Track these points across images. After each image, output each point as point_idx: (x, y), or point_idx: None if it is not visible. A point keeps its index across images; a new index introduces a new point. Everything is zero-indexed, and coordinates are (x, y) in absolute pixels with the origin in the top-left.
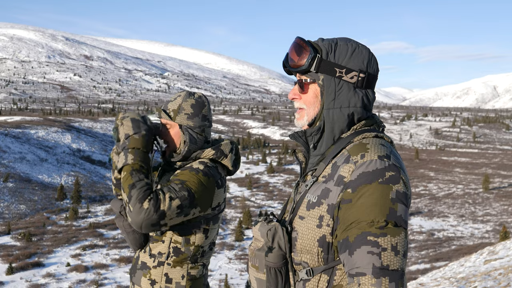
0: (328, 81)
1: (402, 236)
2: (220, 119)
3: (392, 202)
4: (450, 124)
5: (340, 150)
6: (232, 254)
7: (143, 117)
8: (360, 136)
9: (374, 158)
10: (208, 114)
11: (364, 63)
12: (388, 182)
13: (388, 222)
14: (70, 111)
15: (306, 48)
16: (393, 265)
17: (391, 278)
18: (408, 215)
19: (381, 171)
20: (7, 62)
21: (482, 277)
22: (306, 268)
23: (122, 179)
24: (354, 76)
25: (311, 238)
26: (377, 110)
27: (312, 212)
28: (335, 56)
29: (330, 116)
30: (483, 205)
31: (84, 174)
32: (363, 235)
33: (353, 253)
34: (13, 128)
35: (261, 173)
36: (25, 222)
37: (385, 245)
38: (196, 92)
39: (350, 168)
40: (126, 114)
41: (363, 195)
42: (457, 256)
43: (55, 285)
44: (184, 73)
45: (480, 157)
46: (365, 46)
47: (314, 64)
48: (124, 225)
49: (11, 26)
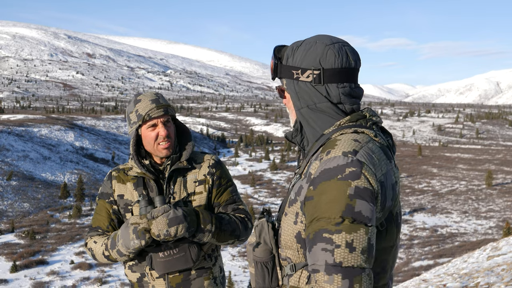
0: (289, 84)
1: (361, 233)
2: (223, 116)
3: (350, 198)
4: (453, 120)
5: (319, 147)
6: (236, 251)
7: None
8: (339, 132)
9: (338, 154)
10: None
11: (316, 60)
12: (346, 178)
13: (344, 219)
14: (73, 109)
15: (272, 57)
16: (347, 262)
17: (344, 274)
18: (374, 211)
19: (342, 167)
20: (9, 61)
21: (485, 273)
22: (290, 263)
23: (217, 237)
24: (310, 75)
25: (291, 234)
26: (379, 106)
27: (291, 209)
28: (293, 58)
29: (302, 115)
30: (486, 201)
31: (87, 172)
32: (320, 232)
33: (311, 250)
34: (16, 126)
35: (264, 170)
36: (29, 220)
37: (339, 242)
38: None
39: (316, 165)
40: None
41: (323, 192)
42: (460, 252)
43: (59, 282)
44: (187, 71)
45: (483, 153)
46: (325, 41)
47: (277, 71)
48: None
49: (13, 25)
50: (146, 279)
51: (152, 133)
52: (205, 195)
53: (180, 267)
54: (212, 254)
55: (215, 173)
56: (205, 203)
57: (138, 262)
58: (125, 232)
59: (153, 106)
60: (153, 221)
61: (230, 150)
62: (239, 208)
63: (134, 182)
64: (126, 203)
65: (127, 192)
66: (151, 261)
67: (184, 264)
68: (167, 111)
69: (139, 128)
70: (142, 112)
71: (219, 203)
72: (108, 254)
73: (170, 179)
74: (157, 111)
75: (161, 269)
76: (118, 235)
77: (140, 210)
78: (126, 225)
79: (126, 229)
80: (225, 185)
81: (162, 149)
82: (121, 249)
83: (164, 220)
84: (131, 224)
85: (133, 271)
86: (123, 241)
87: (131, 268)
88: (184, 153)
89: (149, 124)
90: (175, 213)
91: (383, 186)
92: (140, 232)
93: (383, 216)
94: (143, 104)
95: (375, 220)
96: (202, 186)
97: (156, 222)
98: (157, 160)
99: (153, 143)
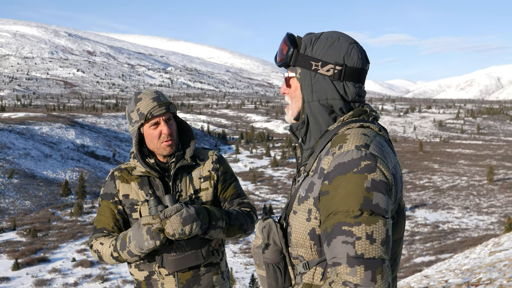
0: (304, 75)
1: (380, 225)
2: (223, 113)
3: (367, 191)
4: (454, 116)
5: (327, 143)
6: (237, 248)
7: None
8: (345, 127)
9: (351, 148)
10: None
11: (340, 56)
12: (363, 172)
13: (363, 211)
14: (73, 106)
15: (286, 43)
16: (369, 253)
17: (366, 266)
18: (390, 204)
19: (357, 160)
20: (10, 59)
21: (487, 268)
22: (303, 261)
23: (226, 232)
24: (330, 69)
25: (303, 231)
26: (380, 102)
27: (302, 206)
28: (313, 49)
29: (311, 109)
30: (487, 196)
31: (89, 170)
32: (338, 225)
33: (330, 244)
34: (17, 124)
35: (265, 166)
36: (30, 218)
37: (359, 234)
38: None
39: (329, 159)
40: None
41: (339, 186)
42: (462, 248)
43: (61, 280)
44: (187, 68)
45: (484, 149)
46: (348, 39)
47: (292, 58)
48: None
49: (13, 23)
50: (155, 277)
51: (155, 132)
52: (211, 191)
53: (191, 264)
54: (219, 249)
55: (219, 169)
56: (212, 199)
57: (146, 261)
58: (138, 233)
59: (154, 104)
60: (166, 220)
61: (231, 147)
62: (244, 202)
63: (138, 182)
64: (132, 203)
65: (132, 192)
66: (162, 260)
67: (195, 260)
68: (168, 108)
69: (141, 127)
70: (144, 111)
71: (224, 198)
72: (117, 255)
73: (176, 176)
74: (159, 109)
75: (173, 267)
76: (130, 236)
77: (150, 209)
78: (137, 226)
79: (138, 230)
80: (229, 180)
81: (165, 147)
82: (133, 250)
83: (178, 219)
84: (144, 224)
85: (140, 270)
86: (136, 242)
87: (138, 267)
88: (188, 150)
89: (152, 123)
90: (188, 212)
91: (395, 178)
92: (154, 233)
93: (394, 208)
94: (144, 102)
95: (390, 212)
96: (207, 182)
97: (170, 222)
98: (160, 158)
99: (156, 141)
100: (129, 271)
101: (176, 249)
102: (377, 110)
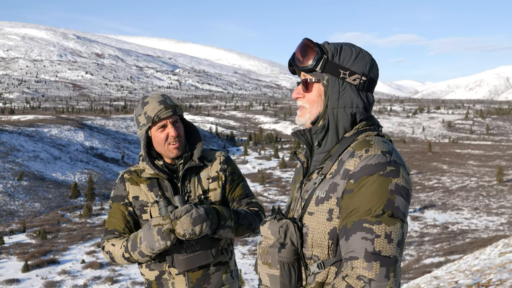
0: (332, 81)
1: (398, 227)
2: (231, 114)
3: (391, 193)
4: (463, 116)
5: (345, 148)
6: (246, 250)
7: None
8: (363, 134)
9: (378, 152)
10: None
11: (366, 67)
12: (388, 175)
13: (384, 212)
14: (82, 109)
15: (313, 48)
16: (386, 251)
17: (382, 263)
18: (408, 210)
19: (383, 164)
20: (19, 61)
21: (497, 269)
22: (317, 261)
23: (235, 231)
24: (357, 79)
25: (322, 231)
26: (389, 103)
27: (321, 207)
28: (340, 58)
29: (335, 115)
30: (497, 197)
31: (98, 172)
32: (359, 222)
33: (348, 239)
34: (27, 127)
35: (274, 168)
36: (40, 220)
37: (379, 232)
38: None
39: (355, 161)
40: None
41: (364, 185)
42: (471, 249)
43: (71, 282)
44: (195, 70)
45: (493, 149)
46: (368, 52)
47: (320, 64)
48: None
49: (22, 26)
50: (165, 276)
51: (162, 134)
52: (219, 191)
53: (201, 263)
54: (228, 248)
55: (226, 169)
56: (220, 199)
57: (157, 261)
58: (148, 234)
59: (161, 107)
60: (177, 221)
61: (239, 149)
62: (252, 202)
63: (148, 184)
64: (142, 204)
65: (141, 194)
66: (172, 260)
67: (205, 260)
68: (175, 111)
69: (148, 130)
70: (151, 114)
71: (233, 198)
72: (128, 256)
73: (184, 178)
74: (165, 112)
75: (183, 266)
76: (140, 237)
77: (160, 210)
78: (148, 227)
79: (149, 231)
80: (237, 180)
81: (172, 149)
82: (144, 250)
83: (188, 220)
84: (154, 225)
85: (151, 269)
86: (147, 242)
87: (149, 267)
88: (195, 151)
89: (159, 125)
90: (198, 212)
91: (410, 185)
92: (165, 233)
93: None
94: (151, 106)
95: (407, 217)
96: (215, 183)
97: (180, 222)
98: (168, 160)
99: (163, 143)
100: (139, 271)
101: (186, 249)
102: (385, 111)
